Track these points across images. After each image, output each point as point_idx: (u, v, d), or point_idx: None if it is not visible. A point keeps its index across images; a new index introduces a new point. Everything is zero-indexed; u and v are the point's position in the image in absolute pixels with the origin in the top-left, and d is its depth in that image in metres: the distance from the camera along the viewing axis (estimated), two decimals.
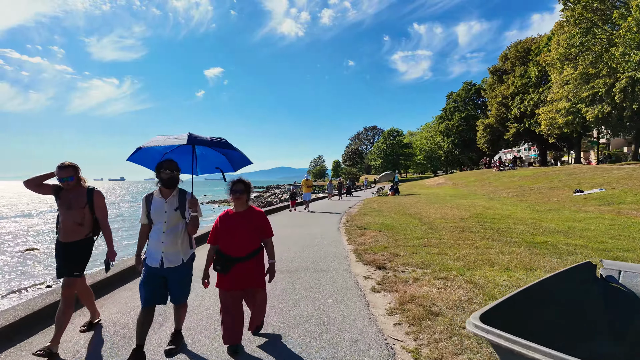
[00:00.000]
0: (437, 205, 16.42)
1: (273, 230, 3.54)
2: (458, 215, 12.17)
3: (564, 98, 31.73)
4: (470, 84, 71.03)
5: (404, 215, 13.11)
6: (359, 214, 14.43)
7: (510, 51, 46.93)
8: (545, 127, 33.17)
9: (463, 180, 37.60)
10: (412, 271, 5.62)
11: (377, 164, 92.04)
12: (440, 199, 20.66)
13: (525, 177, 28.30)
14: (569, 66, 30.23)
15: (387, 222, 11.22)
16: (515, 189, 23.12)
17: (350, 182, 36.26)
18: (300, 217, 14.27)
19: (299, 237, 9.49)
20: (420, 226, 10.17)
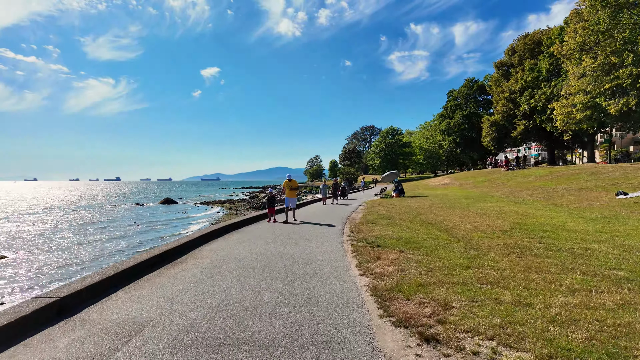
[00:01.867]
0: (458, 210, 13.78)
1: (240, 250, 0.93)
2: (494, 226, 9.53)
3: (581, 91, 29.25)
4: (472, 81, 68.58)
5: (424, 224, 10.44)
6: (365, 222, 11.76)
7: (517, 44, 44.46)
8: (562, 122, 30.64)
9: (470, 181, 35.05)
10: (493, 354, 2.96)
11: (375, 164, 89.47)
12: (455, 201, 18.02)
13: (542, 177, 25.79)
14: (588, 56, 27.71)
15: (405, 236, 8.56)
16: (536, 190, 20.55)
17: (346, 183, 31.30)
18: (284, 229, 10.84)
19: (283, 260, 6.81)
20: (454, 243, 7.50)
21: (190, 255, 7.65)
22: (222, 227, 10.92)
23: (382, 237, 8.62)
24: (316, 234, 9.92)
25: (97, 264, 13.18)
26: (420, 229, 9.47)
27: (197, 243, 8.82)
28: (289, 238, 9.29)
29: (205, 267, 6.51)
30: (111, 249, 15.45)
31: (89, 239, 18.25)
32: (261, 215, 14.20)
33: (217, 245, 8.76)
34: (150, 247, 16.46)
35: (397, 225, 10.36)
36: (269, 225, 11.91)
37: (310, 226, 11.62)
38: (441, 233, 8.73)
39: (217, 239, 9.65)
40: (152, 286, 5.37)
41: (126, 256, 14.46)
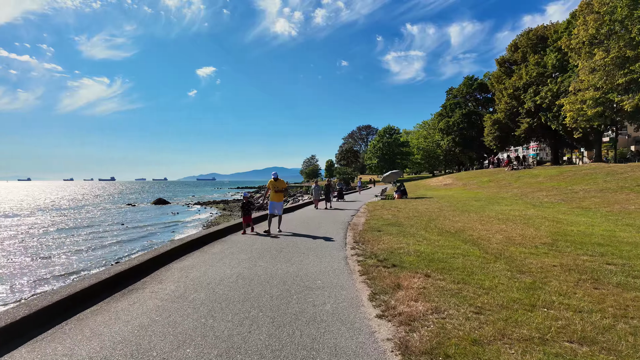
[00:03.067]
0: (474, 215, 12.14)
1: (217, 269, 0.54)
2: (530, 236, 7.88)
3: (592, 87, 27.78)
4: (471, 79, 67.17)
5: (442, 233, 8.77)
6: (370, 229, 10.09)
7: (520, 40, 42.98)
8: (571, 120, 29.15)
9: (474, 181, 33.49)
10: None
11: (373, 163, 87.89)
12: (466, 204, 16.40)
13: (552, 177, 24.26)
14: (599, 49, 26.22)
15: (425, 250, 6.88)
16: (551, 191, 18.99)
17: (341, 184, 27.82)
18: (267, 244, 8.48)
19: (271, 287, 5.14)
20: (493, 263, 5.81)
21: (153, 278, 5.95)
22: (202, 236, 9.19)
23: (395, 251, 6.95)
24: (313, 245, 8.23)
25: (47, 284, 11.38)
26: (440, 240, 7.80)
27: (165, 260, 7.11)
28: (280, 251, 7.59)
29: (165, 299, 4.82)
30: (72, 265, 13.50)
31: (54, 250, 16.41)
32: (258, 217, 12.47)
33: (191, 261, 7.06)
34: (131, 255, 14.70)
35: (410, 235, 8.69)
36: (246, 239, 9.38)
37: (300, 239, 9.94)
38: (469, 247, 7.06)
39: (193, 252, 7.95)
40: (71, 338, 3.66)
41: (86, 274, 12.69)
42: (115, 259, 14.09)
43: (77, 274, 12.04)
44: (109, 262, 13.52)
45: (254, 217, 11.91)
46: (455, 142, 65.37)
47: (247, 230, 10.56)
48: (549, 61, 35.58)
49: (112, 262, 13.46)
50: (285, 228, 11.27)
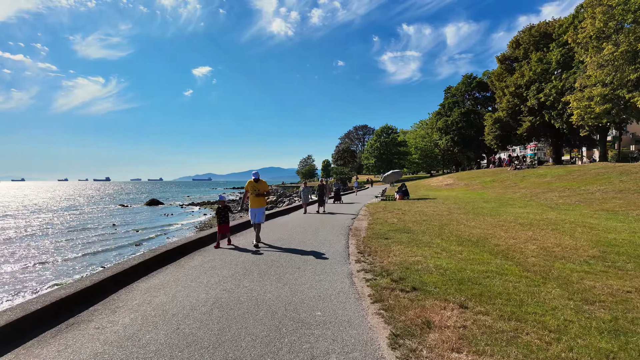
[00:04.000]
0: (490, 219, 10.88)
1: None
2: (569, 247, 6.62)
3: (599, 83, 26.68)
4: (470, 77, 66.08)
5: (461, 242, 7.47)
6: (375, 236, 8.81)
7: (522, 36, 41.91)
8: (578, 117, 28.03)
9: (476, 181, 32.32)
10: None
11: (370, 163, 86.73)
12: (476, 206, 15.17)
13: (561, 177, 23.12)
14: (609, 44, 25.11)
15: (448, 266, 5.60)
16: (564, 192, 17.81)
17: (338, 185, 24.76)
18: (256, 256, 7.09)
19: (255, 320, 3.86)
20: (542, 285, 4.52)
21: (106, 305, 4.64)
22: (180, 246, 7.86)
23: (411, 266, 5.66)
24: (310, 257, 6.92)
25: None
26: (463, 252, 6.52)
27: (129, 277, 5.79)
28: (271, 265, 6.30)
29: (110, 342, 3.52)
30: (28, 281, 12.16)
31: (20, 260, 15.03)
32: (237, 227, 11.13)
33: (161, 279, 5.76)
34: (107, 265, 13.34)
35: (425, 244, 7.41)
36: (221, 254, 7.44)
37: (299, 245, 8.64)
38: (501, 261, 5.78)
39: (168, 266, 6.64)
40: None
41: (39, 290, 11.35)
42: (87, 270, 12.73)
43: (25, 292, 10.67)
44: (78, 273, 12.15)
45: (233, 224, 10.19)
46: (454, 142, 64.25)
47: (223, 242, 8.58)
48: (552, 57, 34.47)
49: (83, 273, 12.11)
50: (276, 235, 9.95)
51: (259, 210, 8.48)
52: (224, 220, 8.50)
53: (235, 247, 8.19)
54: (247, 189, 8.51)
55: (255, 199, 8.48)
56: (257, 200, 8.47)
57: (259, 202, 8.49)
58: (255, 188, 8.43)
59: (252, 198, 8.52)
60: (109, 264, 12.83)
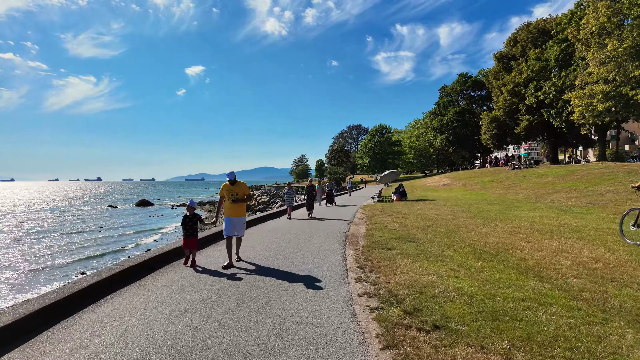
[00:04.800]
0: (501, 224, 9.83)
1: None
2: (616, 263, 5.54)
3: (601, 80, 25.89)
4: (465, 76, 65.35)
5: (479, 255, 6.36)
6: (376, 245, 7.71)
7: (520, 33, 41.15)
8: (579, 115, 27.21)
9: (475, 181, 31.41)
10: None
11: (364, 163, 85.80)
12: (480, 209, 14.15)
13: (563, 177, 22.25)
14: (612, 39, 24.29)
15: (471, 290, 4.50)
16: (570, 192, 16.88)
17: (330, 186, 22.66)
18: (237, 274, 5.90)
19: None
20: (610, 325, 3.42)
21: (25, 351, 3.48)
22: (148, 259, 6.68)
23: (426, 290, 4.56)
24: (300, 276, 5.79)
25: None
26: (484, 269, 5.43)
27: (74, 304, 4.63)
28: (253, 287, 5.15)
29: None
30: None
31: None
32: (214, 235, 9.88)
33: (112, 307, 4.59)
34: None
35: (436, 257, 6.31)
36: (192, 276, 5.96)
37: (287, 257, 7.52)
38: (536, 283, 4.67)
39: (129, 286, 5.48)
40: None
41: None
42: (55, 282, 11.50)
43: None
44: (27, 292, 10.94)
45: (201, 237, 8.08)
46: (449, 141, 63.44)
47: (189, 259, 6.75)
48: (551, 54, 33.70)
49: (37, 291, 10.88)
50: (264, 243, 8.78)
51: (238, 221, 6.77)
52: (190, 233, 6.71)
53: (204, 269, 6.31)
54: (223, 194, 6.84)
55: (232, 207, 6.74)
56: (234, 208, 6.74)
57: (237, 210, 6.76)
58: (231, 192, 6.74)
59: (228, 205, 6.79)
60: (75, 279, 11.62)
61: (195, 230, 6.77)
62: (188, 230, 6.70)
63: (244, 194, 6.79)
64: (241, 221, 6.82)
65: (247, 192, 6.88)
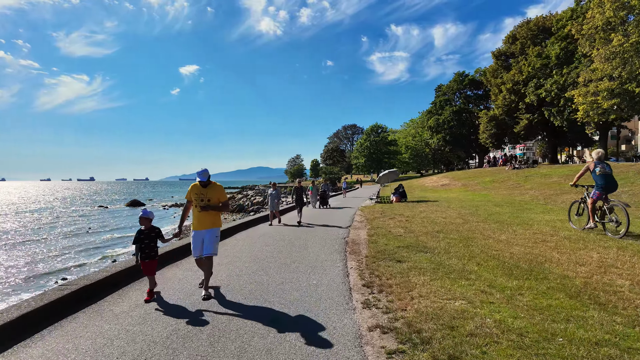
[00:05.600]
0: (520, 229, 8.79)
1: None
2: None
3: (606, 76, 25.06)
4: (462, 75, 64.57)
5: (509, 270, 5.25)
6: (382, 256, 6.63)
7: (519, 31, 40.33)
8: (584, 113, 26.36)
9: (474, 181, 30.48)
10: None
11: (360, 163, 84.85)
12: (489, 211, 13.14)
13: (569, 178, 21.28)
14: (618, 34, 23.44)
15: (516, 324, 3.44)
16: (582, 194, 15.93)
17: (325, 186, 21.06)
18: (195, 320, 4.03)
19: None
20: None
21: None
22: (109, 276, 5.51)
23: (457, 324, 3.47)
24: (291, 301, 4.73)
25: None
26: (522, 290, 4.35)
27: None
28: (232, 318, 4.06)
29: None
30: None
31: None
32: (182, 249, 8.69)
33: (45, 347, 3.47)
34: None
35: (457, 273, 5.23)
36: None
37: (277, 271, 6.42)
38: (602, 315, 3.57)
39: (77, 314, 4.35)
40: None
41: None
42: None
43: None
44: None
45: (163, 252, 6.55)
46: (446, 141, 62.59)
47: (151, 293, 4.92)
48: (552, 52, 32.87)
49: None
50: (252, 252, 7.64)
51: (208, 235, 5.01)
52: (147, 253, 4.93)
53: (165, 306, 4.50)
54: (190, 198, 5.09)
55: (201, 216, 5.01)
56: (204, 218, 5.02)
57: (208, 221, 5.03)
58: (202, 196, 4.97)
59: (196, 213, 5.07)
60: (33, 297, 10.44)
61: (154, 249, 5.04)
62: (144, 249, 4.95)
63: (218, 200, 5.08)
64: (212, 235, 5.05)
65: (224, 199, 5.14)
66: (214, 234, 5.08)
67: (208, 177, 5.02)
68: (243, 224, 12.33)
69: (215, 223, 5.14)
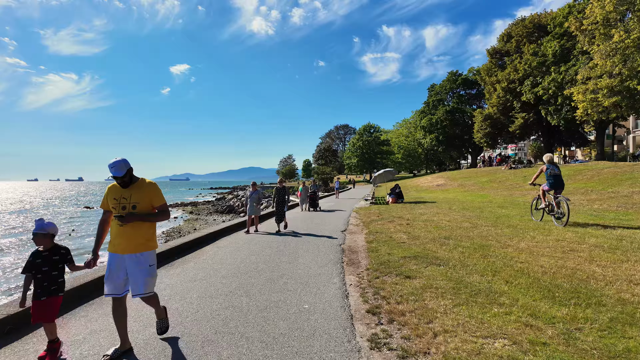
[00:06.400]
0: (540, 236, 7.78)
1: None
2: None
3: (606, 74, 24.38)
4: (455, 74, 63.99)
5: (550, 292, 4.21)
6: (387, 270, 5.60)
7: (514, 29, 39.73)
8: (583, 111, 25.66)
9: (471, 181, 29.65)
10: None
11: (352, 163, 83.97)
12: (498, 214, 12.19)
13: (572, 178, 20.58)
14: (619, 30, 22.75)
15: None
16: (591, 195, 15.11)
17: (315, 187, 19.09)
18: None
19: None
20: None
21: None
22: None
23: None
24: (274, 339, 3.66)
25: None
26: (580, 322, 3.34)
27: None
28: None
29: None
30: None
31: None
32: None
33: None
34: None
35: (484, 294, 4.20)
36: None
37: (262, 288, 5.33)
38: None
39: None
40: None
41: None
42: None
43: None
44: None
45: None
46: (439, 141, 61.86)
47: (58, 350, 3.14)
48: (549, 49, 32.22)
49: None
50: (236, 265, 6.50)
51: (134, 262, 3.22)
52: (46, 288, 3.12)
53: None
54: (106, 205, 3.39)
55: (123, 232, 3.22)
56: (128, 235, 3.23)
57: (133, 239, 3.23)
58: (122, 201, 3.26)
59: (115, 228, 3.27)
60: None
61: (57, 281, 3.19)
62: (40, 282, 3.10)
63: (150, 205, 3.31)
64: (142, 263, 3.22)
65: (159, 203, 3.35)
66: (144, 261, 3.23)
67: (128, 171, 3.21)
68: (228, 227, 11.22)
69: (148, 243, 3.28)
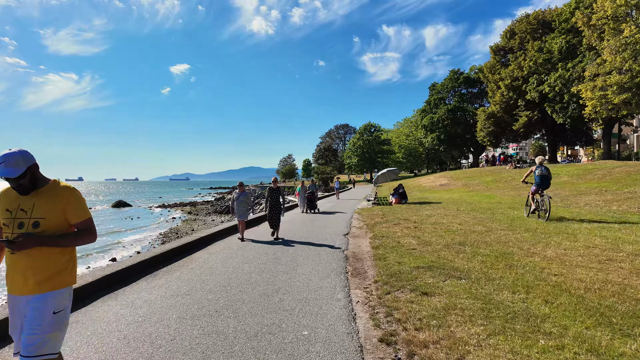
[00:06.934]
0: (567, 242, 7.01)
1: None
2: None
3: (615, 70, 23.62)
4: (457, 72, 63.14)
5: (603, 317, 3.48)
6: (399, 285, 4.85)
7: (518, 25, 38.90)
8: (592, 109, 24.89)
9: (475, 181, 28.88)
10: None
11: (352, 162, 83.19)
12: (510, 217, 11.43)
13: (581, 177, 19.85)
14: (630, 24, 22.00)
15: None
16: (605, 195, 14.35)
17: (312, 187, 18.37)
18: None
19: None
20: None
21: None
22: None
23: None
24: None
25: None
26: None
27: None
28: None
29: None
30: None
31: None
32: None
33: None
34: None
35: (523, 319, 3.45)
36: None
37: (252, 308, 4.58)
38: None
39: None
40: None
41: None
42: None
43: None
44: None
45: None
46: (440, 140, 61.02)
47: None
48: (555, 45, 31.44)
49: None
50: (226, 276, 5.71)
51: (33, 306, 2.06)
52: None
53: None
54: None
55: (17, 263, 2.08)
56: (22, 267, 2.07)
57: (31, 274, 2.07)
58: (19, 215, 2.11)
59: (8, 259, 2.12)
60: None
61: None
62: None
63: (64, 221, 2.23)
64: (45, 307, 2.07)
65: (81, 218, 2.27)
66: (48, 306, 2.09)
67: (28, 170, 2.14)
68: (224, 230, 10.47)
69: (57, 278, 2.15)
